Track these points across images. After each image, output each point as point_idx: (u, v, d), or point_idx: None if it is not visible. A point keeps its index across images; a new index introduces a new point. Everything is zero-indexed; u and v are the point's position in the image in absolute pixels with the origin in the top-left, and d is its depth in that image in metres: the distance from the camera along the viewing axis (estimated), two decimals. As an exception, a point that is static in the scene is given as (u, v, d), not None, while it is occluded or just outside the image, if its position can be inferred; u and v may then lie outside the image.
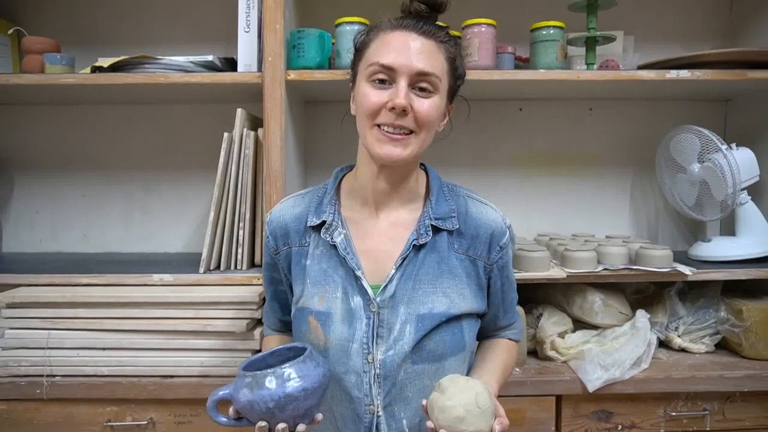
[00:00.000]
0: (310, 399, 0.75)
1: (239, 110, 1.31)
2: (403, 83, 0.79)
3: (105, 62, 1.30)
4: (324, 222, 0.88)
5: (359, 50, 0.86)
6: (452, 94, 0.88)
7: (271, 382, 0.74)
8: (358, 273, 0.84)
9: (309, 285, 0.87)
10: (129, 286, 1.27)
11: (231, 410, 0.78)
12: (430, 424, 0.76)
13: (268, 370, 0.75)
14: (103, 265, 1.40)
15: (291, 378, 0.75)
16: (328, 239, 0.87)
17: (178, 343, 1.23)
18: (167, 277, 1.28)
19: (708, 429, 1.28)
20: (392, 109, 0.78)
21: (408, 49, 0.79)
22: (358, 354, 0.83)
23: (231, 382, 0.80)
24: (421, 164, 0.94)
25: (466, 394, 0.75)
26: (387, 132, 0.80)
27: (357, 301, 0.84)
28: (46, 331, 1.22)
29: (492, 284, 0.92)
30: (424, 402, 0.79)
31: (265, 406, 0.73)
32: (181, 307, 1.22)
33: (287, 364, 0.76)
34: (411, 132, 0.81)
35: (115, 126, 1.65)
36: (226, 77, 1.28)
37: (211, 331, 1.21)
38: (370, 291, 0.84)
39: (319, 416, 0.79)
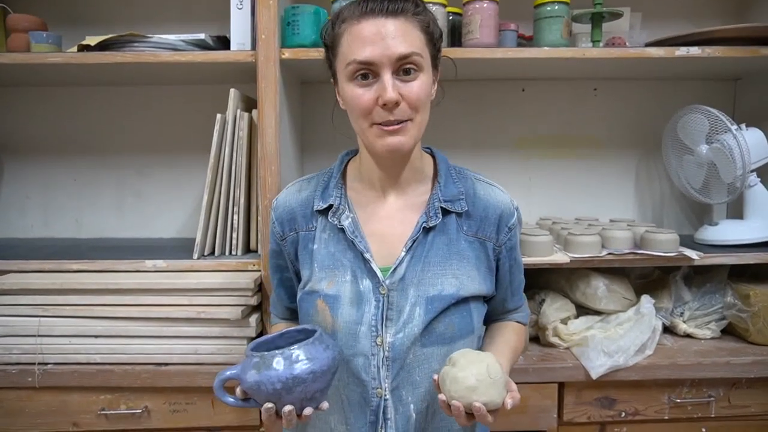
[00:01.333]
0: (318, 382, 0.74)
1: (232, 90, 1.27)
2: (387, 75, 0.76)
3: (92, 40, 1.26)
4: (331, 206, 0.87)
5: (330, 47, 0.83)
6: (436, 60, 0.85)
7: (279, 363, 0.73)
8: (367, 256, 0.84)
9: (317, 269, 0.87)
10: (121, 273, 1.24)
11: (238, 390, 0.77)
12: (442, 396, 0.76)
13: (277, 351, 0.74)
14: (96, 251, 1.37)
15: (299, 360, 0.73)
16: (335, 223, 0.86)
17: (172, 330, 1.21)
18: (160, 263, 1.25)
19: (713, 415, 1.26)
20: (384, 105, 0.77)
21: (382, 37, 0.76)
22: (366, 336, 0.82)
23: (225, 368, 0.79)
24: (427, 148, 0.93)
25: (477, 365, 0.75)
26: (384, 128, 0.79)
27: (366, 284, 0.84)
28: (37, 319, 1.20)
29: (501, 266, 0.91)
30: (435, 376, 0.78)
31: (272, 387, 0.72)
32: (174, 294, 1.20)
33: (296, 346, 0.74)
34: (408, 119, 0.79)
35: (107, 109, 1.60)
36: (219, 56, 1.24)
37: (205, 318, 1.19)
38: (379, 273, 0.83)
39: (325, 404, 0.77)
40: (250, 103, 1.36)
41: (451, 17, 1.32)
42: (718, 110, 1.37)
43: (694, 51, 1.25)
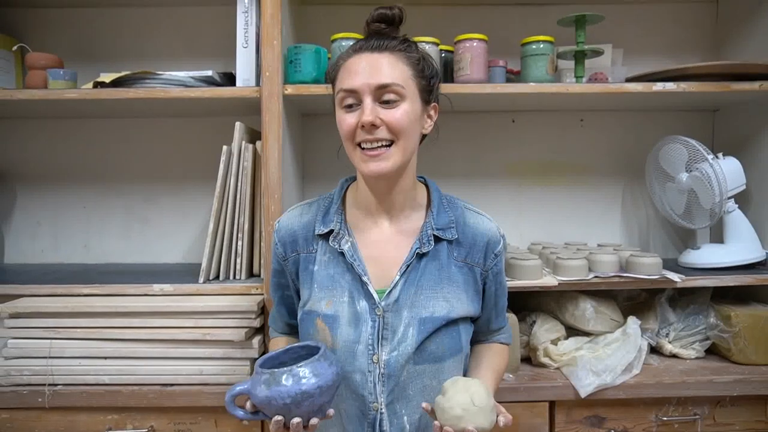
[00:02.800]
0: (324, 396, 0.80)
1: (238, 123, 1.34)
2: (367, 101, 0.85)
3: (107, 77, 1.34)
4: (331, 230, 0.93)
5: (332, 82, 0.93)
6: (428, 94, 0.91)
7: (288, 380, 0.78)
8: (365, 279, 0.90)
9: (316, 289, 0.93)
10: (129, 296, 1.30)
11: (248, 404, 0.83)
12: (437, 423, 0.82)
13: (285, 369, 0.79)
14: (104, 276, 1.42)
15: (306, 376, 0.79)
16: (335, 247, 0.92)
17: (178, 351, 1.25)
18: (167, 287, 1.30)
19: (699, 433, 1.30)
20: (363, 126, 0.85)
21: (364, 69, 0.85)
22: (363, 355, 0.88)
23: (235, 384, 0.85)
24: (421, 177, 1.00)
25: (462, 395, 0.81)
26: (366, 150, 0.86)
27: (363, 305, 0.90)
28: (48, 341, 1.24)
29: (487, 289, 0.98)
30: (424, 404, 0.85)
31: (282, 402, 0.78)
32: (180, 317, 1.25)
33: (303, 363, 0.80)
34: (391, 143, 0.86)
35: (116, 139, 1.68)
36: (225, 92, 1.32)
37: (210, 340, 1.24)
38: (375, 296, 0.90)
39: (331, 411, 0.82)
40: (254, 135, 1.43)
41: (443, 54, 1.41)
42: (697, 140, 1.45)
43: (670, 86, 1.33)
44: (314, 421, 0.81)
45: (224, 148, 1.34)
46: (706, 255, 1.46)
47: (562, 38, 1.47)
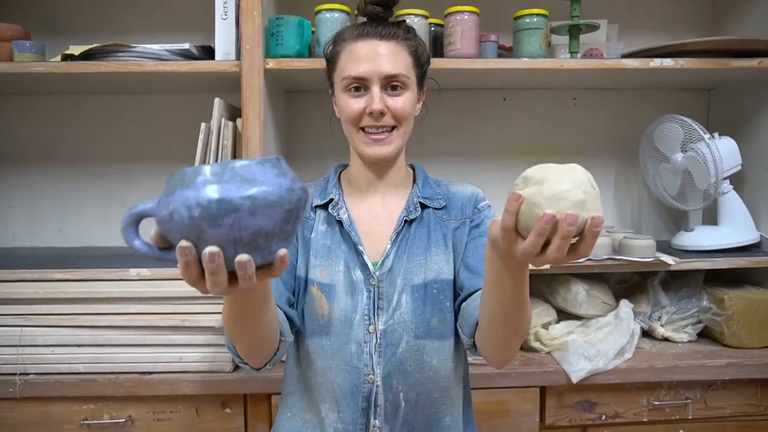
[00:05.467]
0: (260, 217, 0.51)
1: (217, 99, 1.28)
2: (376, 89, 0.87)
3: (76, 50, 1.26)
4: (331, 200, 0.95)
5: (330, 61, 0.94)
6: (422, 80, 0.95)
7: (203, 182, 0.50)
8: (360, 248, 0.90)
9: (312, 257, 0.92)
10: (105, 281, 1.24)
11: (152, 232, 0.55)
12: (546, 216, 0.56)
13: (204, 165, 0.52)
14: (79, 260, 1.36)
15: (233, 178, 0.51)
16: (334, 215, 0.93)
17: (156, 338, 1.21)
18: (144, 272, 1.25)
19: (690, 417, 1.29)
20: (371, 113, 0.88)
21: (374, 57, 0.87)
22: (360, 324, 0.88)
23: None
24: (409, 165, 1.02)
25: (574, 175, 0.59)
26: (371, 134, 0.89)
27: (358, 275, 0.90)
28: (19, 329, 1.19)
29: (468, 241, 0.92)
30: (517, 194, 0.59)
31: (187, 214, 0.50)
32: (158, 302, 1.20)
33: (233, 161, 0.52)
34: (393, 128, 0.90)
35: (91, 117, 1.60)
36: (203, 65, 1.25)
37: (189, 327, 1.19)
38: (370, 265, 0.90)
39: (281, 252, 0.53)
40: (234, 112, 1.37)
41: (432, 28, 1.35)
42: (692, 119, 1.41)
43: (668, 63, 1.29)
44: (243, 256, 0.51)
45: (203, 125, 1.27)
46: (700, 237, 1.43)
47: (556, 15, 1.41)
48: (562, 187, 0.58)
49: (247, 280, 0.52)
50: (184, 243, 0.50)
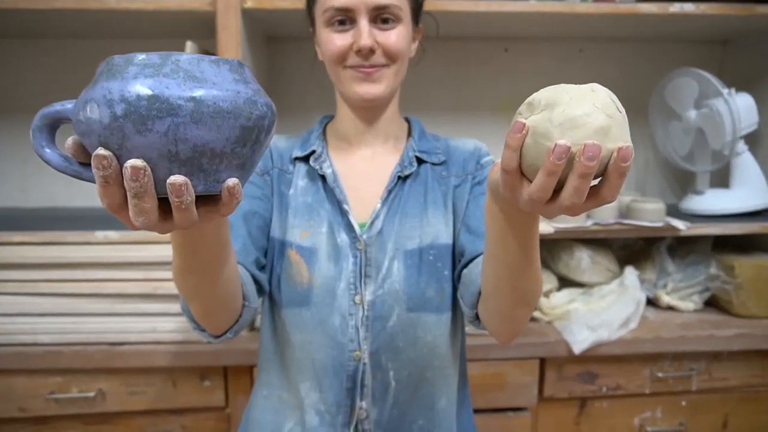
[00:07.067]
0: (204, 126, 0.38)
1: (188, 43, 1.14)
2: (363, 22, 0.75)
3: (27, -16, 1.11)
4: (313, 152, 0.83)
5: None
6: (417, 15, 0.83)
7: (134, 72, 0.38)
8: (345, 207, 0.79)
9: (290, 216, 0.80)
10: (69, 245, 1.13)
11: (69, 140, 0.42)
12: (556, 149, 0.42)
13: (140, 54, 0.39)
14: (41, 222, 1.24)
15: (174, 72, 0.38)
16: (317, 168, 0.81)
17: (127, 307, 1.11)
18: (112, 234, 1.14)
19: (694, 389, 1.23)
20: (358, 51, 0.76)
21: None
22: (344, 294, 0.77)
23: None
24: (405, 117, 0.90)
25: (593, 96, 0.44)
26: (360, 67, 0.77)
27: (343, 238, 0.79)
28: (-26, 296, 1.09)
29: (464, 199, 0.82)
30: (520, 123, 0.45)
31: (108, 111, 0.37)
32: (128, 268, 1.10)
33: (178, 53, 0.40)
34: (384, 65, 0.78)
35: (52, 64, 1.45)
36: (172, 3, 1.11)
37: (162, 294, 1.09)
38: (356, 226, 0.78)
39: (232, 181, 0.41)
40: (210, 59, 1.24)
41: (430, -34, 1.21)
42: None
43: (689, 7, 1.17)
44: (178, 178, 0.39)
45: (173, 73, 1.14)
46: (712, 200, 1.35)
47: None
48: (579, 111, 0.43)
49: (182, 212, 0.40)
50: (101, 151, 0.38)
